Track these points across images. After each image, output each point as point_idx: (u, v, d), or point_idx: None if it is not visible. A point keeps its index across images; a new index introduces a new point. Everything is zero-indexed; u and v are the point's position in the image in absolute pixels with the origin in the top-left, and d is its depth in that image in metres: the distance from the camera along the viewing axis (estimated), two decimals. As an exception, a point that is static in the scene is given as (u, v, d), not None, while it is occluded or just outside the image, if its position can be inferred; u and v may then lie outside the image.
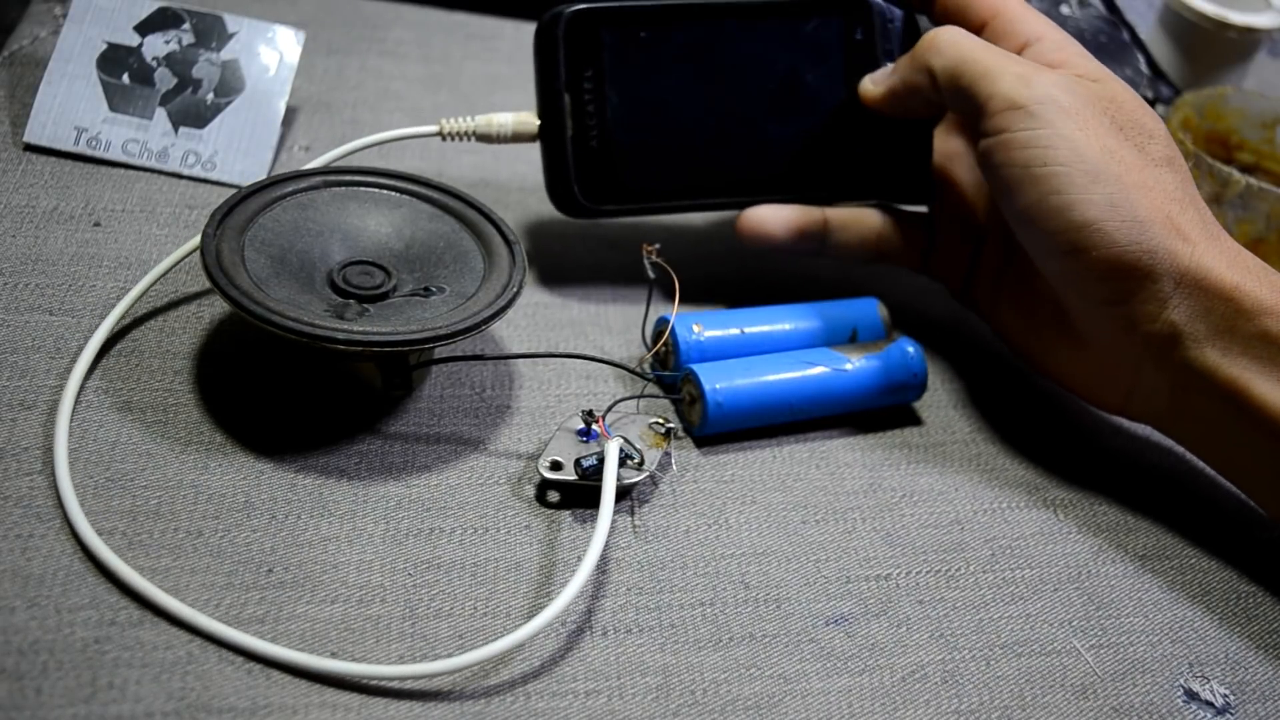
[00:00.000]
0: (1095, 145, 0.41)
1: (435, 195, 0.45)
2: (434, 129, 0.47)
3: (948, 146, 0.51)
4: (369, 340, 0.37)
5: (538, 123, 0.47)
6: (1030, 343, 0.48)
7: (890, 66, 0.48)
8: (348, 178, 0.44)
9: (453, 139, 0.48)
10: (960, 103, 0.44)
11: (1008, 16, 0.46)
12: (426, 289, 0.42)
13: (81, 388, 0.40)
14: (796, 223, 0.49)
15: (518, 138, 0.48)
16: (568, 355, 0.46)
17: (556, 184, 0.48)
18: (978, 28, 0.46)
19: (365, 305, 0.41)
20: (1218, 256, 0.40)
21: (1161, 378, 0.42)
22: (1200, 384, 0.41)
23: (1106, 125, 0.42)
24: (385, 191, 0.44)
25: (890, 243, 0.50)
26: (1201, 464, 0.48)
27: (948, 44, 0.44)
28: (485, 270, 0.42)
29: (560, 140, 0.47)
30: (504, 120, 0.47)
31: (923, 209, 0.51)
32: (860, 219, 0.50)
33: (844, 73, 0.50)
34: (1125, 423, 0.50)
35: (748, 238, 0.49)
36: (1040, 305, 0.46)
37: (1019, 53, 0.45)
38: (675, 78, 0.48)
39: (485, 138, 0.48)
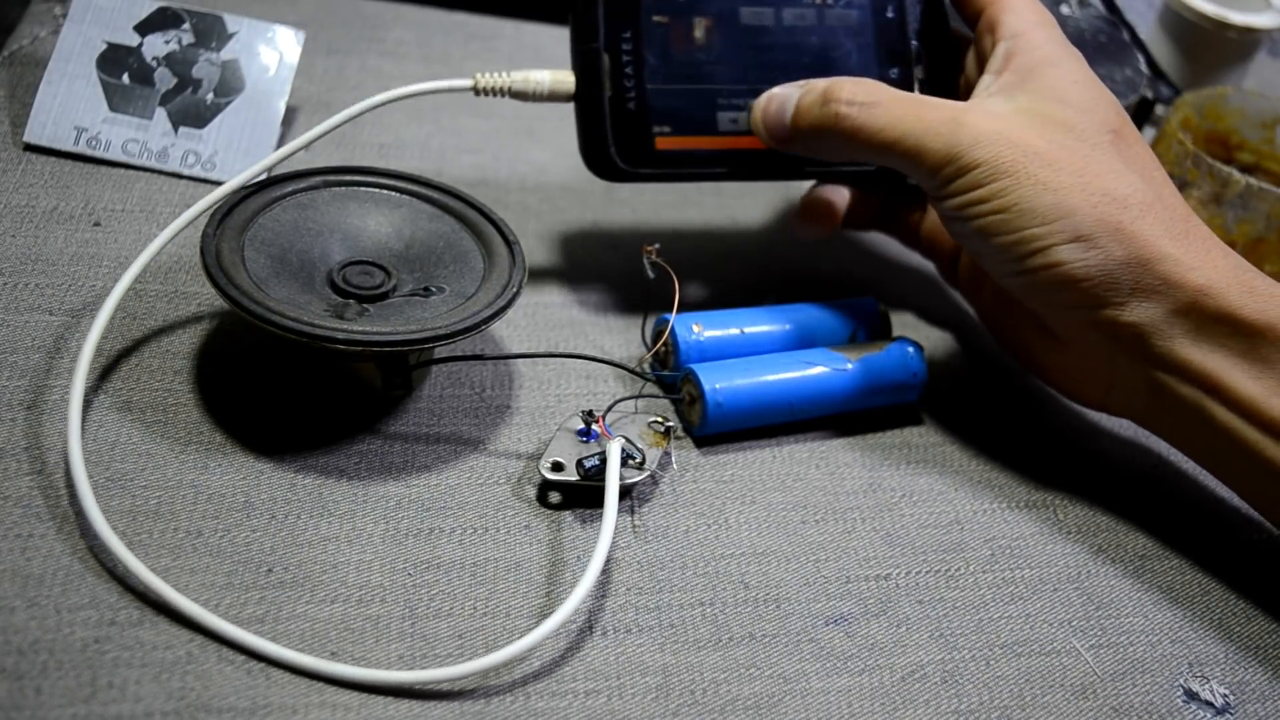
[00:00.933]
0: (1026, 185, 0.40)
1: (435, 195, 0.45)
2: (468, 83, 0.46)
3: None
4: (369, 340, 0.37)
5: (574, 83, 0.46)
6: (1011, 334, 0.48)
7: (787, 119, 0.45)
8: (348, 178, 0.44)
9: (487, 94, 0.46)
10: (892, 167, 0.44)
11: (999, 6, 0.46)
12: (426, 289, 0.42)
13: (94, 387, 0.40)
14: (846, 207, 0.51)
15: (554, 96, 0.46)
16: (568, 355, 0.46)
17: (592, 146, 0.47)
18: (977, 15, 0.47)
19: (365, 305, 0.41)
20: (1184, 256, 0.40)
21: (1137, 371, 0.42)
22: (1176, 376, 0.41)
23: (1043, 151, 0.41)
24: (385, 191, 0.44)
25: (890, 216, 0.52)
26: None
27: (860, 127, 0.42)
28: (485, 270, 0.42)
29: (598, 101, 0.46)
30: (541, 78, 0.46)
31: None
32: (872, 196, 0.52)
33: (875, 52, 0.50)
34: (1125, 423, 0.50)
35: (811, 225, 0.51)
36: (1017, 303, 0.46)
37: (994, 46, 0.45)
38: (710, 45, 0.48)
39: (521, 95, 0.46)
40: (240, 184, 0.42)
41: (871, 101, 0.42)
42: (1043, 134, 0.41)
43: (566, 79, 0.46)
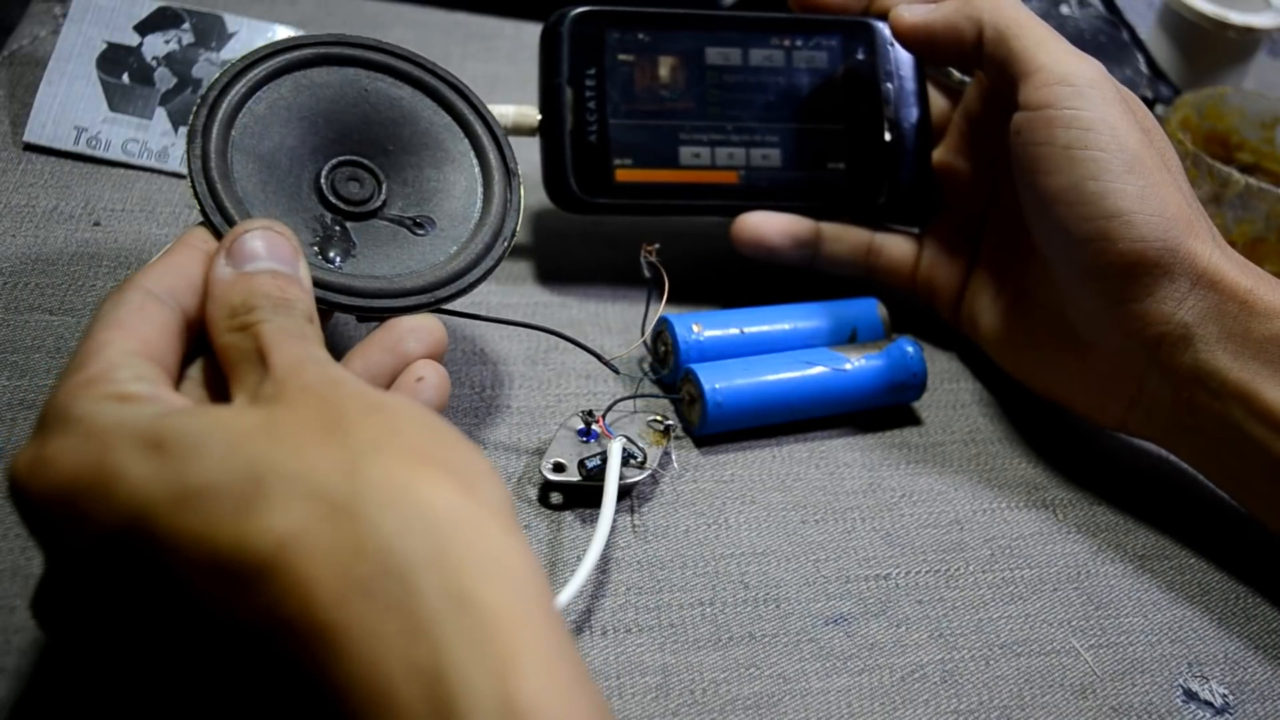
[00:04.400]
0: (1134, 136, 0.41)
1: (442, 89, 0.41)
2: None
3: (942, 162, 0.51)
4: (349, 305, 0.37)
5: (538, 116, 0.48)
6: (1027, 358, 0.47)
7: (931, 6, 0.47)
8: (350, 52, 0.41)
9: None
10: (1000, 65, 0.44)
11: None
12: (416, 221, 0.40)
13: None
14: (792, 231, 0.49)
15: (517, 129, 0.48)
16: (568, 340, 0.44)
17: (553, 176, 0.48)
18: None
19: (351, 229, 0.39)
20: (1230, 261, 0.40)
21: (1165, 385, 0.42)
22: (1209, 387, 0.41)
23: (1134, 121, 0.42)
24: (389, 77, 0.41)
25: (879, 257, 0.51)
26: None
27: (1005, 2, 0.44)
28: (481, 206, 0.40)
29: (559, 133, 0.47)
30: (504, 111, 0.47)
31: (914, 229, 0.52)
32: (851, 232, 0.50)
33: (844, 93, 0.50)
34: (1125, 423, 0.50)
35: (743, 243, 0.49)
36: (1039, 316, 0.46)
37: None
38: (674, 83, 0.49)
39: None
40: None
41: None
42: (1128, 107, 0.43)
43: (530, 114, 0.48)
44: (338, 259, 0.38)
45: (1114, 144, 0.40)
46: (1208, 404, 0.41)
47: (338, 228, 0.39)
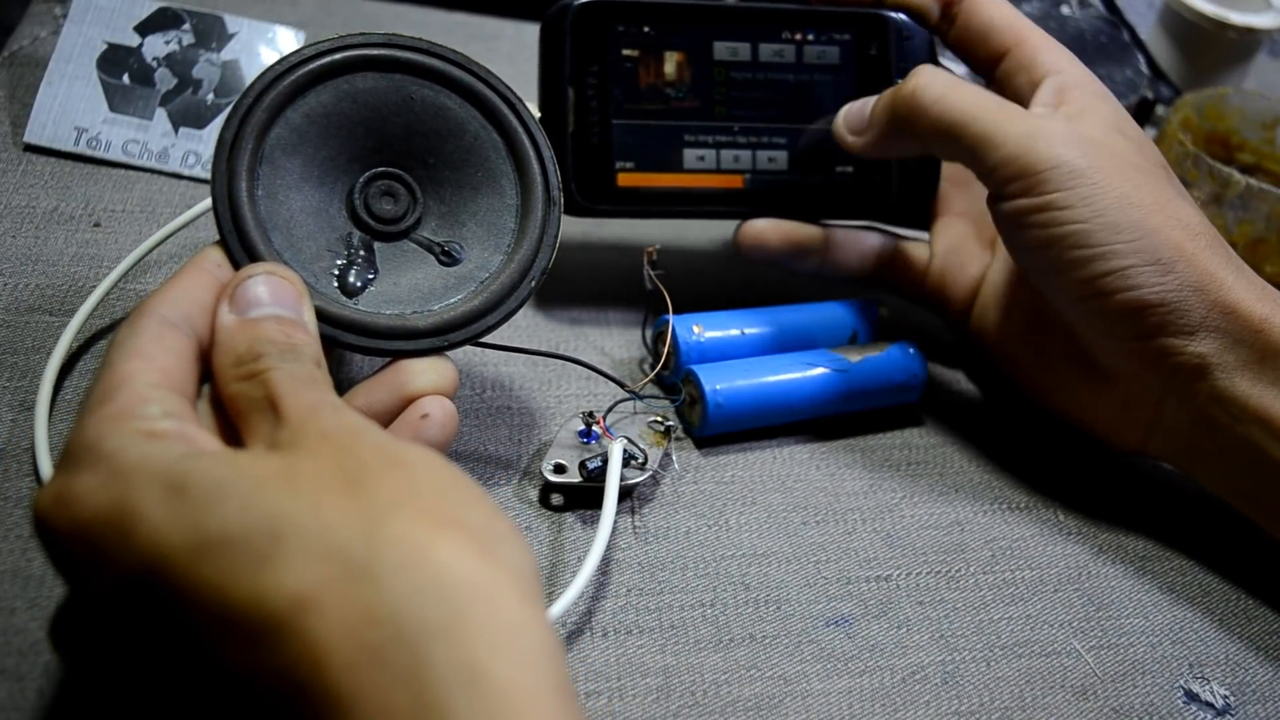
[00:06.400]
0: (1111, 196, 0.39)
1: (493, 101, 0.39)
2: None
3: (955, 171, 0.50)
4: (358, 345, 0.36)
5: (538, 115, 0.47)
6: (1042, 381, 0.47)
7: (867, 113, 0.45)
8: (399, 55, 0.39)
9: None
10: (959, 161, 0.43)
11: (1031, 46, 0.44)
12: (444, 249, 0.39)
13: (59, 386, 0.40)
14: (795, 237, 0.48)
15: None
16: (566, 358, 0.46)
17: None
18: (998, 56, 0.45)
19: (377, 250, 0.38)
20: (1246, 289, 0.40)
21: (1184, 412, 0.41)
22: (1228, 413, 0.40)
23: (1122, 168, 0.40)
24: (438, 84, 0.39)
25: (888, 265, 0.50)
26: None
27: (933, 101, 0.42)
28: (514, 237, 0.38)
29: (561, 135, 0.47)
30: None
31: (924, 235, 0.51)
32: (859, 238, 0.49)
33: (855, 88, 0.49)
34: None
35: (746, 249, 0.48)
36: (1054, 341, 0.45)
37: (1037, 86, 0.43)
38: (680, 80, 0.48)
39: None
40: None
41: (950, 84, 0.42)
42: (1118, 156, 0.41)
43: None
44: (357, 285, 0.37)
45: (1090, 214, 0.39)
46: (1227, 426, 0.40)
47: (363, 250, 0.38)
